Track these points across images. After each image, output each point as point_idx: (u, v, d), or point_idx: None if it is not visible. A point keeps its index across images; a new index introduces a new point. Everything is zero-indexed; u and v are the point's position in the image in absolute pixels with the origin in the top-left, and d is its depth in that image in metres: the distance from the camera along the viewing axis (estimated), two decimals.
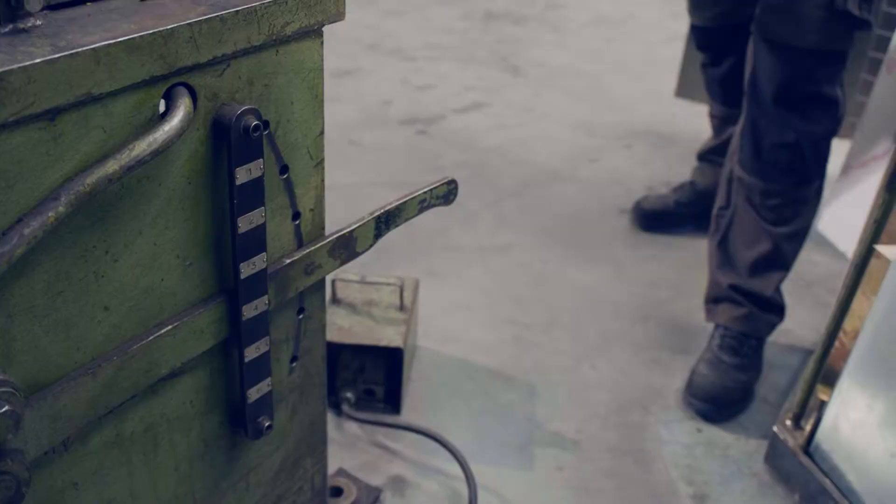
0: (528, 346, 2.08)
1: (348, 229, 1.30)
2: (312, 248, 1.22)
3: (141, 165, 0.90)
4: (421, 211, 1.38)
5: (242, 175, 1.02)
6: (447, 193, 1.40)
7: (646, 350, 2.08)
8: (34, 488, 0.97)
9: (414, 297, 1.92)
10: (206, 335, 1.09)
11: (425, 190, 1.36)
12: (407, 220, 1.41)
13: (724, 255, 2.06)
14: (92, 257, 0.94)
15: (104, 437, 1.03)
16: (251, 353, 1.14)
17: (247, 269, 1.08)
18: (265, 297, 1.12)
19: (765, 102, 1.86)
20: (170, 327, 1.04)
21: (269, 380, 1.19)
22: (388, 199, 2.80)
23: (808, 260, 2.42)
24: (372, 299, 1.88)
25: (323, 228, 1.24)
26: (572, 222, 2.65)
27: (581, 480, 1.71)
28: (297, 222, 1.18)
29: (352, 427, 1.80)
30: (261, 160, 1.04)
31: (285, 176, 1.13)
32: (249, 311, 1.11)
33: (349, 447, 1.75)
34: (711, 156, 2.62)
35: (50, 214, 0.85)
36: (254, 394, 1.18)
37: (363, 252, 1.35)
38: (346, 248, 1.30)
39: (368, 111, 3.35)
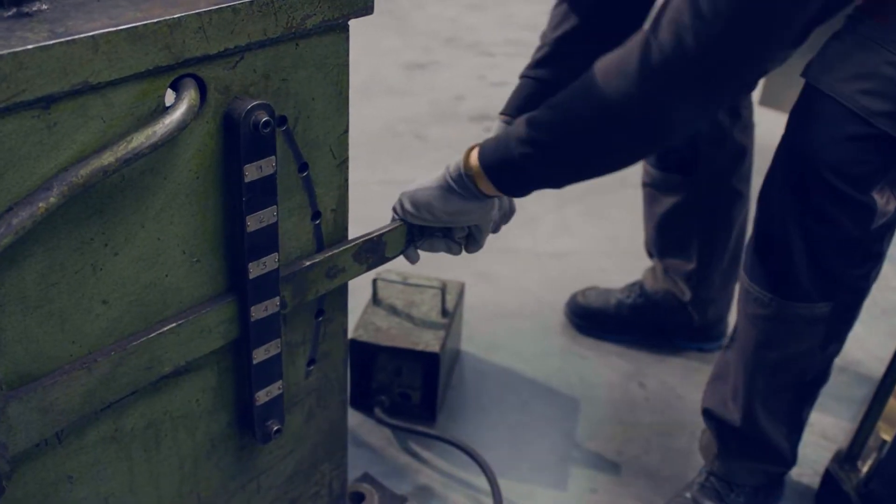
0: (575, 359, 2.01)
1: (377, 233, 1.26)
2: (336, 251, 1.18)
3: (139, 158, 0.87)
4: None
5: (252, 172, 0.99)
6: None
7: (700, 371, 1.98)
8: (24, 480, 0.96)
9: (458, 301, 1.87)
10: (215, 335, 1.06)
11: None
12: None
13: (722, 367, 1.53)
14: (89, 249, 0.91)
15: (102, 432, 1.01)
16: (260, 354, 1.11)
17: (256, 269, 1.05)
18: (276, 299, 1.09)
19: (773, 165, 1.33)
20: (174, 325, 1.01)
21: (279, 383, 1.16)
22: None
23: (885, 285, 2.27)
24: (413, 301, 1.84)
25: (346, 229, 1.20)
26: (637, 231, 2.55)
27: None
28: (317, 222, 1.14)
29: (384, 431, 1.75)
30: (272, 157, 1.00)
31: (305, 174, 1.09)
32: (259, 311, 1.08)
33: (379, 452, 1.71)
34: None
35: (41, 205, 0.83)
36: (263, 396, 1.15)
37: (392, 258, 1.30)
38: (374, 252, 1.26)
39: (439, 106, 3.30)
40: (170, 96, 0.91)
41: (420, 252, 1.35)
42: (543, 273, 2.32)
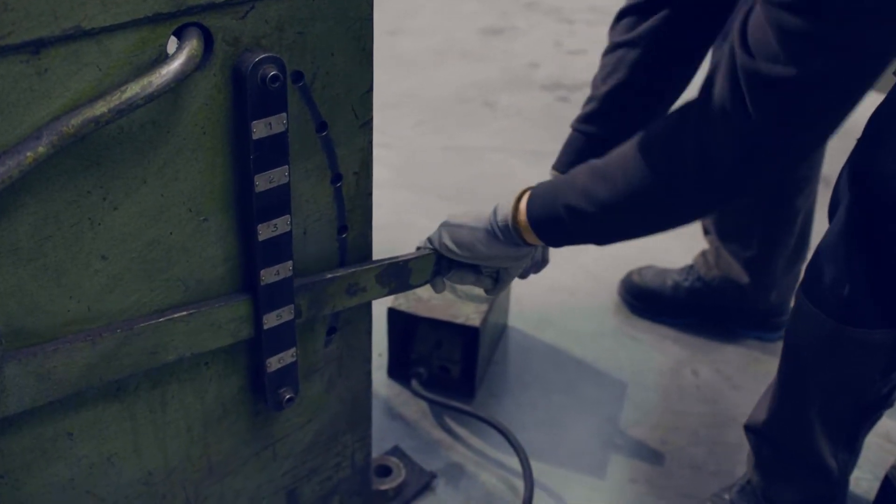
0: (627, 341, 1.92)
1: (404, 259, 1.23)
2: (359, 268, 1.15)
3: (134, 109, 0.83)
4: None
5: (261, 129, 0.94)
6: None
7: (758, 361, 1.87)
8: (20, 434, 0.94)
9: None
10: (224, 332, 1.04)
11: None
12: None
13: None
14: (86, 203, 0.88)
15: (103, 388, 0.99)
16: (271, 320, 1.07)
17: (266, 232, 1.00)
18: (288, 263, 1.04)
19: (842, 181, 1.22)
20: (184, 313, 0.99)
21: (293, 350, 1.12)
22: (514, 168, 2.64)
23: None
24: None
25: (370, 195, 1.14)
26: None
27: (654, 498, 1.55)
28: (337, 185, 1.09)
29: (420, 404, 1.71)
30: (283, 114, 0.95)
31: (324, 133, 1.04)
32: (269, 276, 1.04)
33: (413, 425, 1.66)
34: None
35: (28, 154, 0.80)
36: (274, 363, 1.11)
37: (417, 286, 1.28)
38: (398, 277, 1.23)
39: (512, 72, 3.21)
40: (175, 46, 0.87)
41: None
42: (602, 250, 2.21)
